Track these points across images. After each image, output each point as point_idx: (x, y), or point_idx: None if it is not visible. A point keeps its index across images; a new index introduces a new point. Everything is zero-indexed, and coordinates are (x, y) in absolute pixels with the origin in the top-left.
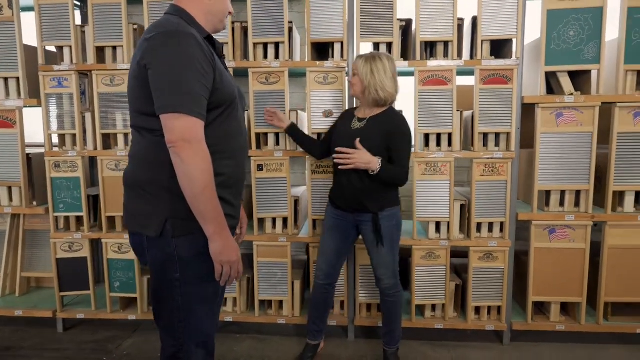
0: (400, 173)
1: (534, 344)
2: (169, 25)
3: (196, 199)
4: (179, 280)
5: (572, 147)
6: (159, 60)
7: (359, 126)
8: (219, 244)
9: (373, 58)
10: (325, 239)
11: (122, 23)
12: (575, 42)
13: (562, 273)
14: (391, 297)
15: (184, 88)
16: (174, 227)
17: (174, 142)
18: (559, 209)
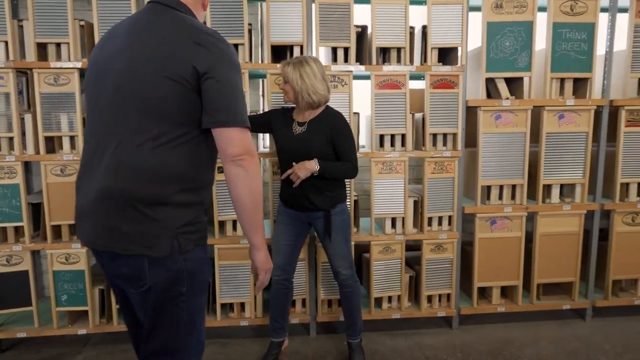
0: (348, 167)
1: (480, 325)
2: (213, 32)
3: (255, 210)
4: (186, 294)
5: (508, 146)
6: (226, 73)
7: (301, 130)
8: (263, 253)
9: (300, 63)
10: (279, 237)
11: (67, 18)
12: (510, 52)
13: (501, 260)
14: (350, 287)
15: (242, 100)
16: (181, 243)
17: (241, 155)
18: (498, 202)
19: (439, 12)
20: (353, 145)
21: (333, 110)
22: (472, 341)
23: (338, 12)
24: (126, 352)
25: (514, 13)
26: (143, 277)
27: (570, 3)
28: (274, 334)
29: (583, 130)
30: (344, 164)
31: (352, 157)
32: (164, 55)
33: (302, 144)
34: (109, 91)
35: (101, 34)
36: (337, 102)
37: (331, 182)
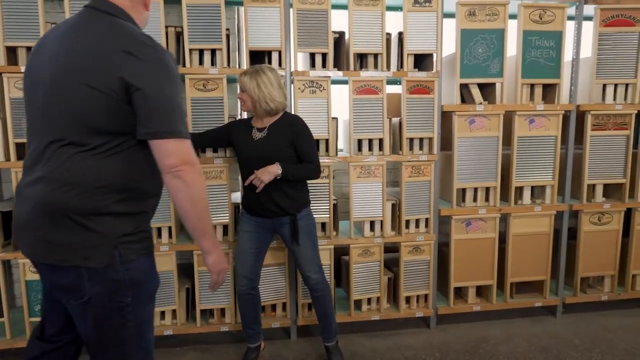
0: (311, 168)
1: (456, 324)
2: (147, 40)
3: (200, 219)
4: (131, 304)
5: (482, 150)
6: (159, 82)
7: (261, 136)
8: (215, 255)
9: (257, 72)
10: (243, 245)
11: (38, 21)
12: (483, 58)
13: (476, 260)
14: (321, 291)
15: (180, 110)
16: (122, 253)
17: (178, 165)
18: (473, 204)
19: (415, 19)
20: (314, 147)
21: (292, 115)
22: (449, 340)
23: (316, 18)
24: None
25: (487, 21)
26: (82, 289)
27: (539, 12)
28: (249, 339)
29: (552, 134)
30: (306, 165)
31: (314, 158)
32: (90, 66)
33: (264, 148)
34: (40, 100)
35: None
36: (316, 107)
37: (296, 185)
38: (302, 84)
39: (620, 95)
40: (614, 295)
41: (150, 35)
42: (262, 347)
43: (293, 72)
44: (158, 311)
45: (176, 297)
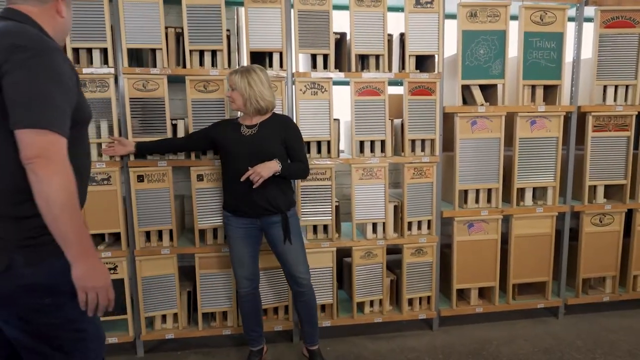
0: (302, 168)
1: (459, 326)
2: (31, 35)
3: (55, 220)
4: (52, 304)
5: (484, 151)
6: (24, 73)
7: (251, 132)
8: (80, 269)
9: (247, 71)
10: (238, 249)
11: None
12: (485, 59)
13: (479, 262)
14: (309, 293)
15: (49, 103)
16: (26, 257)
17: (31, 158)
18: (475, 205)
19: (416, 20)
20: (304, 147)
21: (282, 114)
22: (452, 342)
23: (317, 19)
24: None
25: (488, 22)
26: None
27: (540, 13)
28: (252, 343)
29: (553, 135)
30: (298, 164)
31: (304, 157)
32: None
33: (255, 144)
34: None
35: (73, 40)
36: (317, 109)
37: (285, 183)
38: (303, 85)
39: (621, 97)
40: (615, 296)
41: (43, 36)
42: (265, 350)
43: (294, 74)
44: (159, 315)
45: (177, 300)
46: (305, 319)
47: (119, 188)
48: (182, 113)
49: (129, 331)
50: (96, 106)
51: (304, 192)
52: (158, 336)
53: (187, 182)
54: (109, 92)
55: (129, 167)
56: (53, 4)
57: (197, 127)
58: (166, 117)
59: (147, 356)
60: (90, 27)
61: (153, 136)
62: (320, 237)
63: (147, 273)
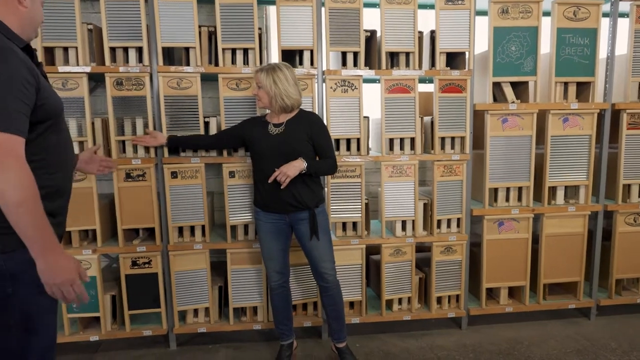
0: (330, 164)
1: (488, 325)
2: None
3: (10, 216)
4: (13, 295)
5: (515, 149)
6: None
7: (278, 131)
8: (42, 264)
9: (273, 69)
10: (268, 243)
11: (75, 22)
12: (516, 56)
13: (509, 261)
14: (335, 288)
15: (3, 106)
16: (3, 243)
17: None
18: (505, 204)
19: (447, 17)
20: (332, 143)
21: (308, 111)
22: (482, 341)
23: (348, 17)
24: (140, 358)
25: (520, 18)
26: None
27: (573, 9)
28: (282, 336)
29: (586, 133)
30: (326, 160)
31: (332, 152)
32: None
33: (282, 142)
34: None
35: (111, 39)
36: (347, 107)
37: (313, 180)
38: (334, 83)
39: None
40: None
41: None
42: (295, 345)
43: (325, 71)
44: (191, 309)
45: (209, 295)
46: (331, 314)
47: (154, 184)
48: (212, 111)
49: (163, 324)
50: (132, 104)
51: (334, 190)
52: (190, 330)
53: (216, 179)
54: (144, 90)
55: (163, 164)
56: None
57: (229, 125)
58: (199, 114)
59: (179, 349)
60: (127, 27)
61: (186, 133)
62: (349, 234)
63: (180, 268)
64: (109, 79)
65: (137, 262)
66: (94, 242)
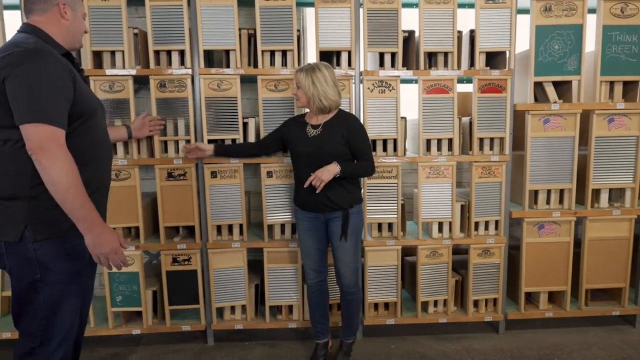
0: (366, 166)
1: (526, 330)
2: (24, 44)
3: (63, 200)
4: (40, 281)
5: (557, 150)
6: (18, 76)
7: (316, 133)
8: (89, 238)
9: (312, 69)
10: (305, 242)
11: (122, 27)
12: (559, 55)
13: (549, 265)
14: (352, 294)
15: (42, 100)
16: (33, 233)
17: (34, 149)
18: (546, 206)
19: (487, 16)
20: (369, 145)
21: (346, 112)
22: (520, 346)
23: (386, 18)
24: (178, 352)
25: (563, 16)
26: (2, 259)
27: (620, 5)
28: (318, 335)
29: (633, 134)
30: (362, 163)
31: (369, 155)
32: None
33: (318, 145)
34: None
35: (155, 43)
36: (384, 107)
37: (349, 180)
38: (371, 84)
39: None
40: None
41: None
42: (330, 345)
43: (362, 72)
44: (229, 306)
45: (246, 292)
46: (344, 314)
47: (194, 183)
48: (250, 112)
49: (201, 320)
50: (174, 105)
51: (370, 190)
52: (227, 326)
53: (253, 179)
54: (186, 92)
55: (203, 164)
56: (55, 10)
57: (267, 126)
58: (238, 115)
59: (216, 345)
60: (170, 31)
61: (226, 134)
62: (384, 234)
63: (218, 265)
64: (153, 81)
65: (177, 259)
66: (136, 239)
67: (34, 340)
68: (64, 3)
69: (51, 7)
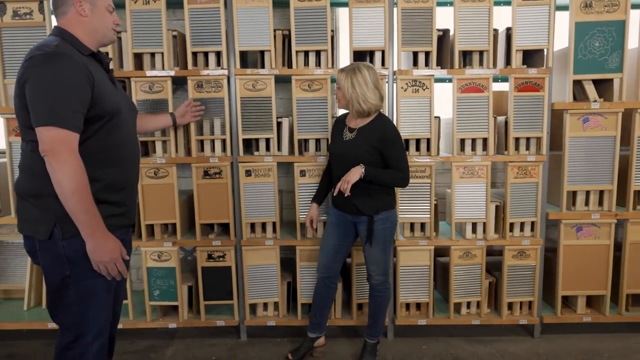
0: (397, 175)
1: (563, 335)
2: (45, 47)
3: (66, 202)
4: (70, 277)
5: (597, 150)
6: (35, 79)
7: (350, 137)
8: (90, 244)
9: (353, 71)
10: (327, 236)
11: (161, 29)
12: (600, 53)
13: (587, 268)
14: (380, 292)
15: (55, 103)
16: (62, 230)
17: (45, 151)
18: (584, 208)
19: (525, 13)
20: (403, 154)
21: (384, 118)
22: (556, 351)
23: (420, 17)
24: (214, 346)
25: (605, 12)
26: (36, 255)
27: None
28: (310, 328)
29: None
30: (393, 171)
31: (403, 165)
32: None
33: (349, 150)
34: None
35: (193, 44)
36: (418, 107)
37: (375, 188)
38: (404, 83)
39: None
40: None
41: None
42: (322, 343)
43: (396, 72)
44: (261, 302)
45: (279, 289)
46: (370, 312)
47: (229, 182)
48: (284, 111)
49: (235, 316)
50: (210, 105)
51: (403, 190)
52: (260, 322)
53: (285, 178)
54: (222, 92)
55: (238, 163)
56: (73, 9)
57: (300, 125)
58: (272, 115)
59: (249, 340)
60: (207, 33)
61: (260, 133)
62: (417, 234)
63: (252, 262)
64: (191, 81)
65: (212, 256)
66: (173, 235)
67: (70, 334)
68: (80, 0)
69: (69, 7)
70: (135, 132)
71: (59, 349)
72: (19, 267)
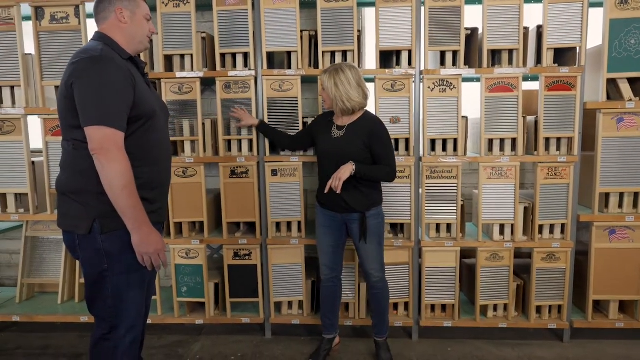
0: (385, 171)
1: (593, 341)
2: (91, 51)
3: (116, 198)
4: (108, 271)
5: (632, 151)
6: (83, 81)
7: (339, 135)
8: (137, 237)
9: (336, 71)
10: (322, 238)
11: (191, 31)
12: (636, 50)
13: (620, 272)
14: (380, 289)
15: (103, 104)
16: (101, 226)
17: (95, 150)
18: (618, 210)
19: (557, 11)
20: (391, 150)
21: (371, 116)
22: (586, 356)
23: (448, 15)
24: (239, 342)
25: None
26: (76, 250)
27: None
28: (325, 330)
29: None
30: (381, 167)
31: (391, 161)
32: (62, 80)
33: (339, 147)
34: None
35: (221, 46)
36: (445, 106)
37: (366, 184)
38: (432, 83)
39: None
40: None
41: (103, 48)
42: (337, 342)
43: (423, 71)
44: (286, 300)
45: (303, 288)
46: (375, 311)
47: (256, 181)
48: (309, 111)
49: (260, 313)
50: (238, 106)
51: (429, 190)
52: (285, 320)
53: (309, 178)
54: (249, 93)
55: (264, 162)
56: (114, 16)
57: None
58: (299, 115)
59: (274, 338)
60: (235, 35)
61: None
62: (443, 235)
63: (277, 261)
64: (219, 82)
65: (238, 254)
66: (201, 233)
67: (105, 326)
68: (120, 8)
69: (110, 14)
70: (168, 134)
71: (95, 339)
72: (54, 263)
